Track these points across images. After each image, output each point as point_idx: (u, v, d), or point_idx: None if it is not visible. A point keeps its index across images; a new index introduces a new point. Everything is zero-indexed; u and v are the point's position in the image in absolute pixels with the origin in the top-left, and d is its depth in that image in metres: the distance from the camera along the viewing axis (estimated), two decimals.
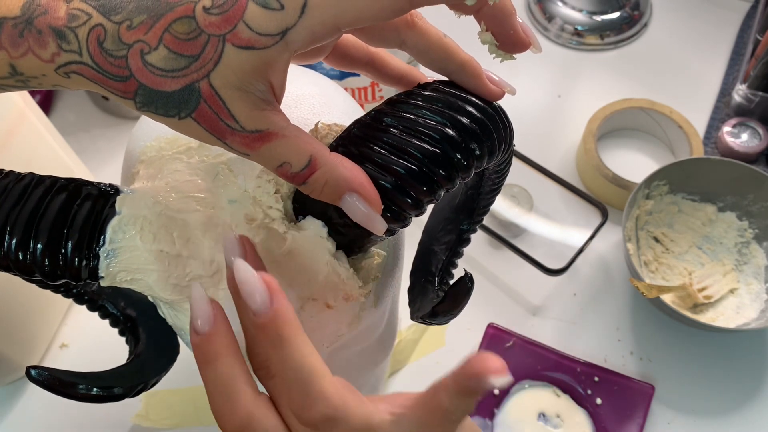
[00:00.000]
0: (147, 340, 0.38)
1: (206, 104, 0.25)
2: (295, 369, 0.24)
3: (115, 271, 0.29)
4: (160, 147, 0.33)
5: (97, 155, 0.76)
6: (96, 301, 0.38)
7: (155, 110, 0.25)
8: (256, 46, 0.24)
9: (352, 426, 0.24)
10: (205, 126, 0.25)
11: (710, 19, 0.89)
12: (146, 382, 0.36)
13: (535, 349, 0.62)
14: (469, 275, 0.36)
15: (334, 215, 0.29)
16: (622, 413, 0.59)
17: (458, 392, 0.24)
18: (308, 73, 0.39)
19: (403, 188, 0.27)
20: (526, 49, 0.28)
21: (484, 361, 0.23)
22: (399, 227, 0.29)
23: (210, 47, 0.24)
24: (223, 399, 0.25)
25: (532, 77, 0.84)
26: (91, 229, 0.28)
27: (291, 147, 0.26)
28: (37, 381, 0.33)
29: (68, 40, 0.25)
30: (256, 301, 0.24)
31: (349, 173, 0.26)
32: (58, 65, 0.25)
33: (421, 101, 0.28)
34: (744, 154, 0.73)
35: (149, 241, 0.29)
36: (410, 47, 0.29)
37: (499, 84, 0.29)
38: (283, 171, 0.26)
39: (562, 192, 0.72)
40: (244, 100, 0.25)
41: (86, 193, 0.29)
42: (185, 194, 0.30)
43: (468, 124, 0.27)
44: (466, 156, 0.28)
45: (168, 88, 0.25)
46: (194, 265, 0.30)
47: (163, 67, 0.24)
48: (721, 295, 0.64)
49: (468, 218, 0.37)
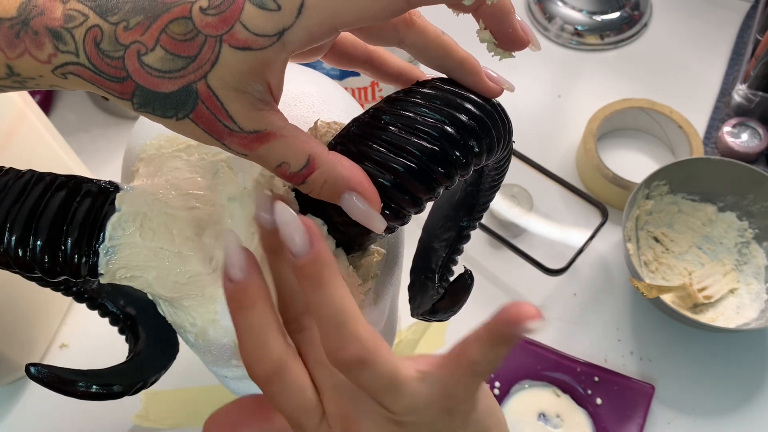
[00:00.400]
0: (147, 339, 0.38)
1: (204, 105, 0.25)
2: (334, 309, 0.25)
3: (115, 268, 0.29)
4: (160, 145, 0.33)
5: (97, 155, 0.76)
6: (95, 299, 0.38)
7: (153, 111, 0.25)
8: (254, 47, 0.24)
9: (379, 373, 0.25)
10: (203, 127, 0.25)
11: (710, 19, 0.89)
12: (146, 380, 0.36)
13: (535, 349, 0.62)
14: (468, 272, 0.36)
15: (334, 213, 0.29)
16: (622, 413, 0.59)
17: (491, 341, 0.25)
18: (307, 72, 0.39)
19: (402, 186, 0.27)
20: (525, 47, 0.28)
21: (520, 308, 0.24)
22: (398, 225, 0.29)
23: (207, 48, 0.24)
24: (256, 345, 0.26)
25: (532, 77, 0.84)
26: (91, 226, 0.28)
27: (289, 147, 0.26)
28: (37, 378, 0.33)
29: (65, 41, 0.25)
30: (297, 243, 0.25)
31: (348, 172, 0.26)
32: (55, 66, 0.25)
33: (419, 99, 0.28)
34: (744, 154, 0.73)
35: (149, 238, 0.29)
36: (408, 45, 0.29)
37: (497, 81, 0.29)
38: (282, 171, 0.26)
39: (562, 192, 0.72)
40: (241, 100, 0.25)
41: (86, 190, 0.29)
42: (185, 192, 0.30)
43: (467, 121, 0.27)
44: (465, 153, 0.28)
45: (165, 89, 0.24)
46: (194, 263, 0.30)
47: (160, 68, 0.24)
48: (721, 295, 0.64)
49: (468, 215, 0.37)
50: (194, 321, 0.31)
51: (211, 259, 0.30)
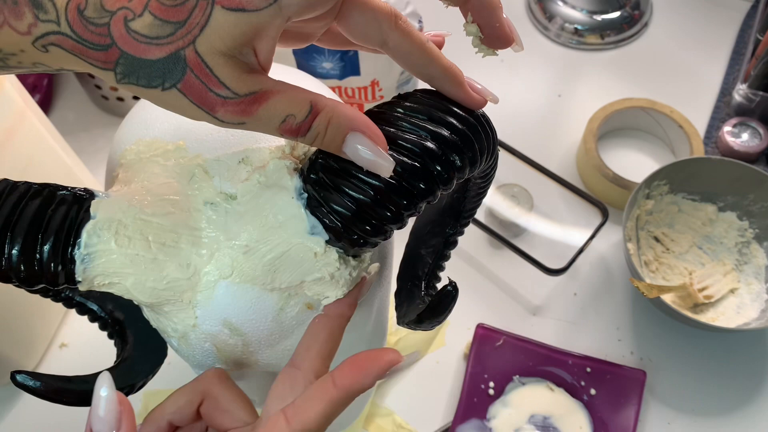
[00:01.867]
0: (135, 343, 0.38)
1: (192, 73, 0.24)
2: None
3: (92, 275, 0.29)
4: (139, 150, 0.32)
5: (97, 155, 0.76)
6: (84, 304, 0.38)
7: (137, 81, 0.24)
8: (248, 8, 0.23)
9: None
10: (192, 98, 0.24)
11: (711, 19, 0.89)
12: (133, 385, 0.36)
13: (526, 346, 0.62)
14: (452, 283, 0.36)
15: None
16: (616, 401, 0.60)
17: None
18: (291, 72, 0.39)
19: (382, 202, 0.27)
20: (509, 45, 0.28)
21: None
22: (381, 239, 0.29)
23: (198, 11, 0.23)
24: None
25: (533, 77, 0.84)
26: (66, 234, 0.28)
27: (290, 99, 0.25)
28: (23, 386, 0.32)
29: (45, 9, 0.24)
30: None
31: (351, 112, 0.26)
32: (36, 37, 0.24)
33: (401, 113, 0.28)
34: (744, 154, 0.73)
35: (124, 245, 0.29)
36: (392, 49, 0.28)
37: (481, 93, 0.29)
38: (287, 126, 0.25)
39: (563, 192, 0.72)
40: (231, 65, 0.24)
41: (60, 198, 0.28)
42: (160, 197, 0.30)
43: (449, 136, 0.27)
44: (447, 168, 0.27)
45: (152, 56, 0.24)
46: (170, 269, 0.29)
47: (147, 34, 0.23)
48: (721, 295, 0.64)
49: (454, 221, 0.36)
50: (175, 326, 0.31)
51: (188, 265, 0.30)
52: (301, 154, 0.31)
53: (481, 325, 0.63)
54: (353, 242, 0.29)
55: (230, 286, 0.30)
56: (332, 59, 0.64)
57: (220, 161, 0.31)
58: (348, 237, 0.28)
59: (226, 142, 0.32)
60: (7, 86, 0.52)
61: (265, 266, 0.30)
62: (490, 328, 0.63)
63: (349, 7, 0.27)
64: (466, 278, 0.68)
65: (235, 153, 0.31)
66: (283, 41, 0.30)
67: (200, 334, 0.31)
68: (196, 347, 0.32)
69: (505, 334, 0.63)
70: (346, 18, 0.27)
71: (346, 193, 0.27)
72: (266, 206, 0.29)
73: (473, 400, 0.60)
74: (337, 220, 0.28)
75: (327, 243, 0.29)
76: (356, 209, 0.27)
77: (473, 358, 0.62)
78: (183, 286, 0.30)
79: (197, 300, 0.30)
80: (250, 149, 0.31)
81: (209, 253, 0.30)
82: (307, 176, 0.29)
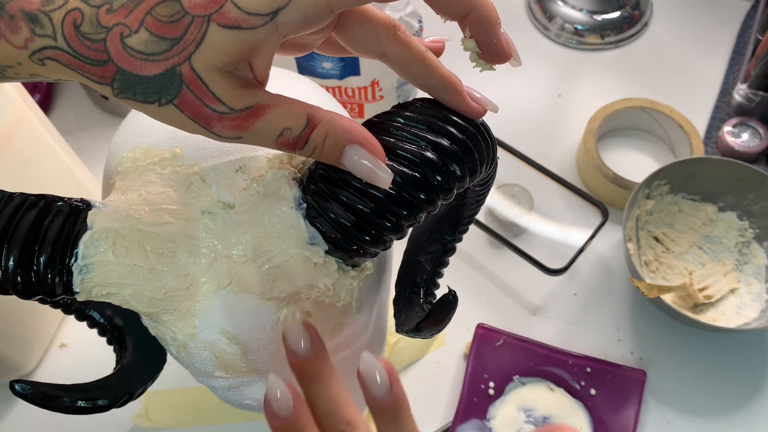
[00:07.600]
0: (134, 350, 0.37)
1: (188, 89, 0.24)
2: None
3: (90, 286, 0.28)
4: (136, 158, 0.32)
5: (97, 155, 0.76)
6: (83, 310, 0.37)
7: (134, 96, 0.24)
8: (244, 26, 0.23)
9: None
10: (188, 113, 0.24)
11: (711, 19, 0.89)
12: (132, 393, 0.36)
13: (526, 346, 0.62)
14: (452, 292, 0.36)
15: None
16: (616, 401, 0.60)
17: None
18: (284, 75, 0.38)
19: (382, 213, 0.27)
20: (507, 61, 0.28)
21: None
22: (381, 250, 0.29)
23: (193, 28, 0.23)
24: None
25: (533, 77, 0.84)
26: (63, 245, 0.28)
27: (287, 112, 0.25)
28: (21, 395, 0.32)
29: (42, 24, 0.24)
30: (379, 386, 0.28)
31: (349, 124, 0.26)
32: (32, 51, 0.24)
33: (401, 123, 0.28)
34: (744, 154, 0.72)
35: (122, 255, 0.28)
36: (391, 59, 0.28)
37: (480, 102, 0.29)
38: (284, 139, 0.25)
39: (563, 192, 0.72)
40: (227, 80, 0.24)
41: (57, 209, 0.28)
42: (157, 206, 0.30)
43: (448, 146, 0.27)
44: (447, 178, 0.27)
45: (148, 72, 0.24)
46: (168, 279, 0.29)
47: (143, 50, 0.24)
48: (721, 295, 0.64)
49: (453, 228, 0.36)
50: (174, 335, 0.31)
51: (186, 275, 0.29)
52: (300, 162, 0.31)
53: (481, 325, 0.63)
54: (352, 252, 0.29)
55: (228, 296, 0.30)
56: (332, 59, 0.64)
57: (217, 169, 0.31)
58: (347, 247, 0.28)
59: (222, 150, 0.32)
60: (7, 86, 0.52)
61: (264, 276, 0.29)
62: (490, 328, 0.63)
63: (348, 19, 0.27)
64: (466, 278, 0.68)
65: (232, 161, 0.31)
66: (282, 50, 0.30)
67: (199, 343, 0.31)
68: (195, 356, 0.32)
69: (505, 334, 0.63)
70: (345, 30, 0.27)
71: (345, 203, 0.27)
72: (265, 216, 0.29)
73: (473, 400, 0.60)
74: (337, 231, 0.28)
75: (326, 253, 0.29)
76: (356, 220, 0.27)
77: (473, 358, 0.62)
78: (181, 296, 0.30)
79: (196, 309, 0.30)
80: (247, 157, 0.31)
81: (207, 263, 0.30)
82: (307, 186, 0.29)
